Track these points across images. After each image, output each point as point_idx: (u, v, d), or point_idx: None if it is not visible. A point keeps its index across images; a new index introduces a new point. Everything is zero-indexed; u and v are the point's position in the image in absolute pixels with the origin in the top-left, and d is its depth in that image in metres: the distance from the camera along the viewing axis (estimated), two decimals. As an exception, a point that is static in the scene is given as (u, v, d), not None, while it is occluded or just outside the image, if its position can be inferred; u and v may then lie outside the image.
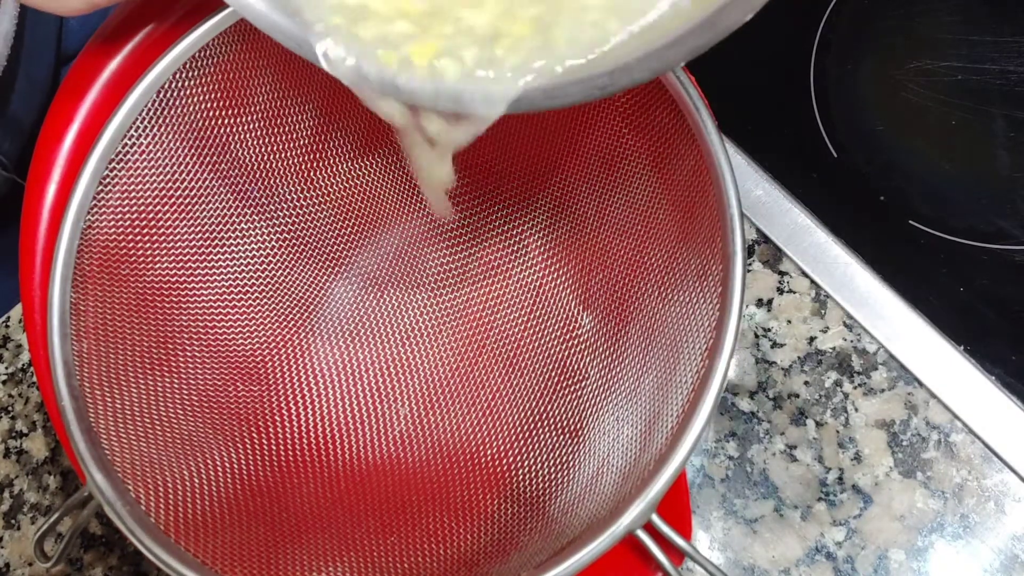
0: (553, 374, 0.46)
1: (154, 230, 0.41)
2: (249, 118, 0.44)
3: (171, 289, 0.42)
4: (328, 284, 0.48)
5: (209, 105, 0.41)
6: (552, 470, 0.42)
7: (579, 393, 0.44)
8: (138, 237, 0.40)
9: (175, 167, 0.41)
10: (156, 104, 0.39)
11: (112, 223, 0.39)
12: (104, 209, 0.38)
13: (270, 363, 0.45)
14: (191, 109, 0.41)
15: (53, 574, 0.50)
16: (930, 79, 0.50)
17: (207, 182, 0.43)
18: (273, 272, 0.46)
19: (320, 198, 0.48)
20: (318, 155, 0.47)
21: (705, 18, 0.25)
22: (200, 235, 0.43)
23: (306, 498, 0.42)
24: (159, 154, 0.40)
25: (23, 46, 0.52)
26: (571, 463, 0.41)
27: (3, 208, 0.47)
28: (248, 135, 0.44)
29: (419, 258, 0.49)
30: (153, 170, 0.40)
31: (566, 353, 0.46)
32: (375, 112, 0.29)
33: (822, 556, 0.43)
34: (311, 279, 0.48)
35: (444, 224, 0.49)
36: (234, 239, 0.45)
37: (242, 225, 0.45)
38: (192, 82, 0.40)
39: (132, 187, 0.40)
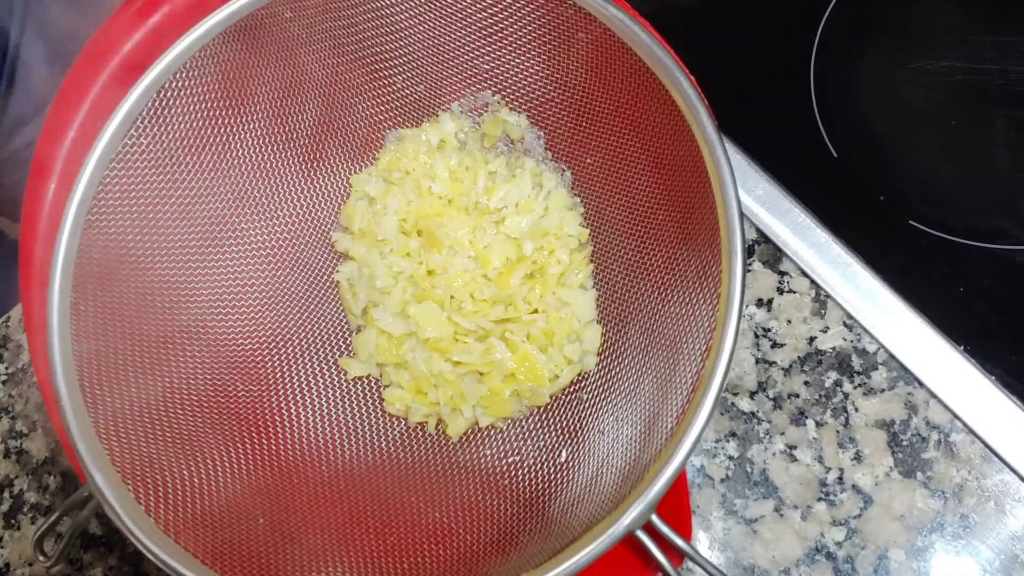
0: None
1: (154, 230, 0.41)
2: (249, 118, 0.44)
3: (171, 289, 0.42)
4: (328, 283, 0.48)
5: (209, 105, 0.42)
6: (552, 470, 0.42)
7: (579, 393, 0.44)
8: (138, 237, 0.40)
9: (175, 167, 0.41)
10: (156, 104, 0.39)
11: (112, 223, 0.39)
12: (104, 209, 0.38)
13: (270, 363, 0.45)
14: (191, 109, 0.41)
15: (53, 574, 0.50)
16: (930, 79, 0.50)
17: (207, 182, 0.43)
18: (273, 272, 0.46)
19: (320, 197, 0.48)
20: (318, 154, 0.47)
21: None
22: (200, 235, 0.43)
23: (306, 498, 0.42)
24: (159, 154, 0.40)
25: None
26: (571, 463, 0.41)
27: None
28: (248, 135, 0.44)
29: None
30: (153, 170, 0.40)
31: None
32: None
33: (822, 556, 0.43)
34: (311, 279, 0.47)
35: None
36: (234, 239, 0.45)
37: (242, 225, 0.45)
38: (192, 82, 0.40)
39: (132, 187, 0.40)
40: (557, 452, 0.43)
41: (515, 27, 0.42)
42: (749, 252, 0.48)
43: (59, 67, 0.63)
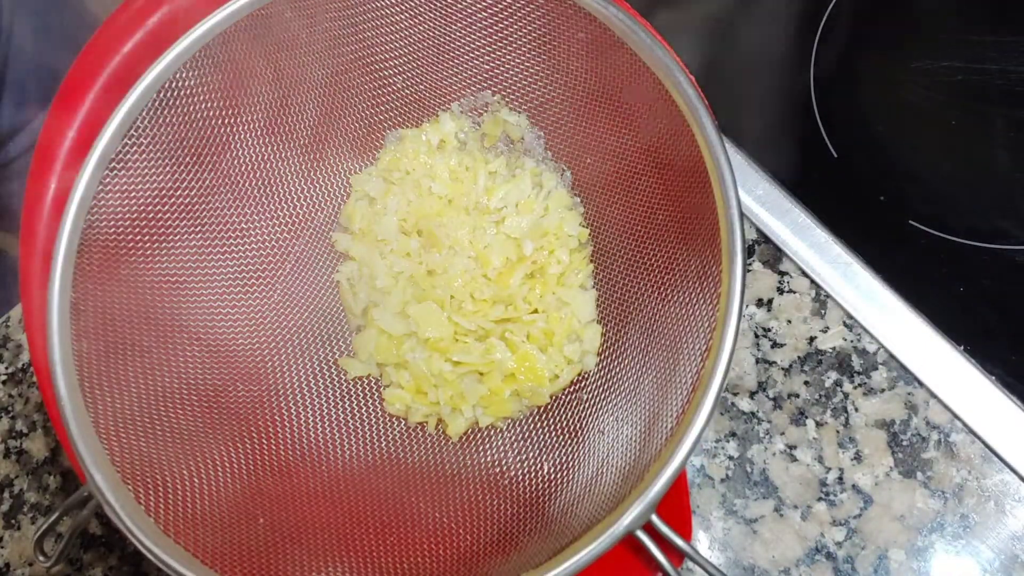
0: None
1: (154, 230, 0.41)
2: (249, 118, 0.44)
3: (171, 289, 0.42)
4: (329, 283, 0.48)
5: (209, 105, 0.42)
6: (552, 470, 0.42)
7: (579, 393, 0.44)
8: (138, 237, 0.40)
9: (175, 167, 0.41)
10: (156, 104, 0.39)
11: (112, 223, 0.39)
12: (104, 209, 0.38)
13: (270, 363, 0.45)
14: (191, 109, 0.41)
15: (53, 574, 0.50)
16: (930, 79, 0.50)
17: (207, 182, 0.43)
18: (273, 272, 0.46)
19: (320, 197, 0.48)
20: (318, 155, 0.47)
21: None
22: (200, 235, 0.43)
23: (306, 498, 0.42)
24: (159, 154, 0.40)
25: None
26: (571, 463, 0.41)
27: None
28: (248, 135, 0.44)
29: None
30: (153, 170, 0.40)
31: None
32: None
33: (822, 556, 0.43)
34: (311, 279, 0.47)
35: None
36: (234, 239, 0.45)
37: (242, 225, 0.45)
38: (192, 82, 0.40)
39: (132, 187, 0.40)
40: (555, 453, 0.43)
41: (515, 27, 0.42)
42: (749, 252, 0.48)
43: (50, 74, 0.62)
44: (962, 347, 0.44)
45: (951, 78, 0.50)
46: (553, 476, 0.42)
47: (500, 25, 0.43)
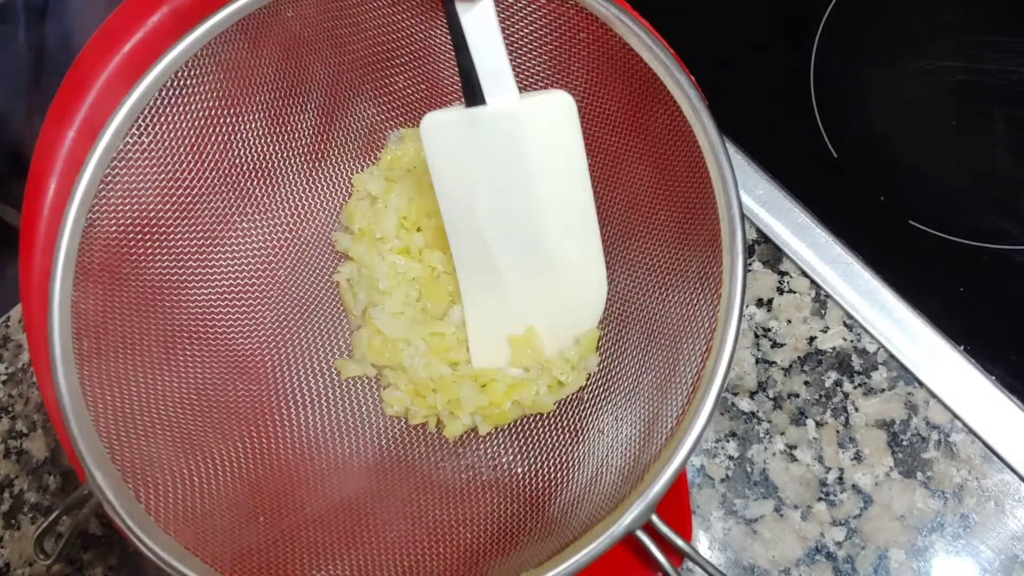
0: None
1: (155, 229, 0.41)
2: (250, 117, 0.44)
3: (171, 288, 0.42)
4: (329, 283, 0.48)
5: (210, 104, 0.42)
6: (552, 470, 0.42)
7: (579, 393, 0.44)
8: (139, 236, 0.40)
9: (176, 166, 0.41)
10: (158, 103, 0.39)
11: (113, 222, 0.39)
12: (105, 207, 0.38)
13: (270, 362, 0.45)
14: (192, 108, 0.41)
15: (53, 573, 0.50)
16: (930, 79, 0.50)
17: (208, 181, 0.43)
18: (274, 271, 0.46)
19: (321, 197, 0.48)
20: (319, 154, 0.47)
21: None
22: (201, 234, 0.43)
23: (307, 496, 0.42)
24: (160, 152, 0.40)
25: None
26: (571, 463, 0.41)
27: None
28: (249, 134, 0.44)
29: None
30: (154, 169, 0.40)
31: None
32: None
33: (822, 556, 0.43)
34: (312, 279, 0.47)
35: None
36: (235, 238, 0.45)
37: (243, 224, 0.45)
38: (193, 81, 0.40)
39: (133, 185, 0.40)
40: (555, 453, 0.43)
41: (515, 27, 0.42)
42: (749, 252, 0.48)
43: None
44: (962, 347, 0.44)
45: (951, 78, 0.50)
46: (553, 476, 0.42)
47: (501, 24, 0.43)
